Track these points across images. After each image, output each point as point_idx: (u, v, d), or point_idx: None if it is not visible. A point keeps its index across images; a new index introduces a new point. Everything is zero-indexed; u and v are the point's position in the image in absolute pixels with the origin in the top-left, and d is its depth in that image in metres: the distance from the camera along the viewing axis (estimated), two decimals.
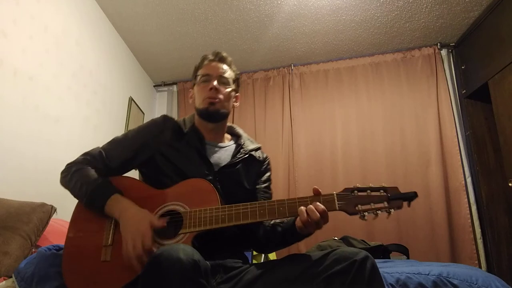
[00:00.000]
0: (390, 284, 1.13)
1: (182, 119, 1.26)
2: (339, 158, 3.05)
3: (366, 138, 3.05)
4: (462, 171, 2.80)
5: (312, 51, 3.22)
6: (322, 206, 0.93)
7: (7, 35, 1.75)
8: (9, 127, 1.74)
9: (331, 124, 3.16)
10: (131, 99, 3.10)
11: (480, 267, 2.58)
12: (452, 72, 3.12)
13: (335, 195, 0.96)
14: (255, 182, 1.23)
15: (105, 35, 2.73)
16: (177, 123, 1.22)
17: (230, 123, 1.35)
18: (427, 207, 2.78)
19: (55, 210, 1.52)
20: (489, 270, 2.56)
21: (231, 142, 1.29)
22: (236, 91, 1.29)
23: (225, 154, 1.22)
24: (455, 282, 1.11)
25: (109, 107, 2.75)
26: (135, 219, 0.96)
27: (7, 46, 1.75)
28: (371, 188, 0.96)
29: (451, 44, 3.10)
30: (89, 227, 1.04)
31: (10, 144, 1.74)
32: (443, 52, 3.14)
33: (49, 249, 1.12)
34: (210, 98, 1.19)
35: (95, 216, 1.05)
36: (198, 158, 1.15)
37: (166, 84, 3.70)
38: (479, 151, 2.78)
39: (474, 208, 2.74)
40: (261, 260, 2.31)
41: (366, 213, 0.93)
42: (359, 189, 0.96)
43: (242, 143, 1.26)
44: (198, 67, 1.28)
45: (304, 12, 2.72)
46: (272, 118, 3.31)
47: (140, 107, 3.29)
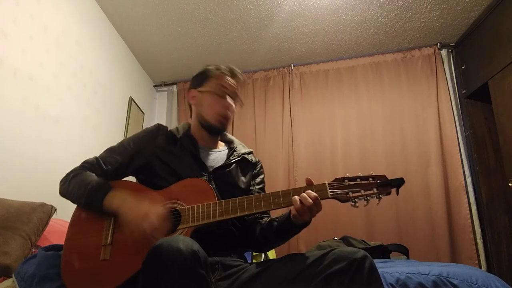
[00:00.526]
0: (390, 284, 1.13)
1: (175, 127, 1.28)
2: (339, 158, 3.05)
3: (366, 138, 3.05)
4: (462, 171, 2.80)
5: (312, 51, 3.22)
6: (314, 193, 0.98)
7: (7, 35, 1.75)
8: (9, 127, 1.74)
9: (331, 124, 3.16)
10: (131, 99, 3.10)
11: (480, 267, 2.58)
12: (452, 72, 3.12)
13: (326, 184, 1.02)
14: (249, 183, 1.26)
15: (105, 35, 2.73)
16: (170, 131, 1.26)
17: None
18: (427, 207, 2.78)
19: (55, 210, 1.53)
20: (489, 270, 2.56)
21: (224, 147, 1.33)
22: None
23: (218, 157, 1.26)
24: (455, 282, 1.11)
25: (109, 107, 2.75)
26: (136, 204, 0.99)
27: (7, 46, 1.75)
28: (361, 177, 1.02)
29: (451, 44, 3.10)
30: (88, 228, 1.06)
31: (10, 144, 1.74)
32: (443, 52, 3.14)
33: (49, 249, 1.12)
34: (223, 116, 1.23)
35: (94, 217, 1.06)
36: (192, 161, 1.18)
37: (166, 84, 3.70)
38: (479, 151, 2.78)
39: (474, 208, 2.74)
40: (261, 260, 2.31)
41: (357, 199, 0.99)
42: (349, 178, 1.02)
43: (235, 147, 1.30)
44: (209, 75, 1.27)
45: (304, 12, 2.72)
46: (272, 118, 3.31)
47: (140, 107, 3.29)
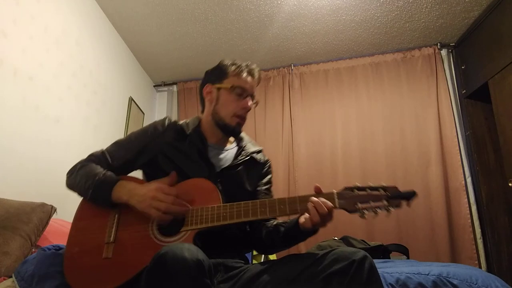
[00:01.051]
0: (390, 284, 1.13)
1: (185, 122, 1.24)
2: (339, 158, 3.05)
3: (366, 138, 3.05)
4: (462, 171, 2.80)
5: (312, 51, 3.22)
6: (331, 203, 0.93)
7: (7, 35, 1.75)
8: (9, 127, 1.74)
9: (331, 124, 3.16)
10: (131, 99, 3.10)
11: (480, 267, 2.58)
12: (452, 72, 3.12)
13: (335, 193, 0.96)
14: (256, 185, 1.23)
15: (105, 35, 2.73)
16: (179, 125, 1.22)
17: None
18: (427, 207, 2.78)
19: (55, 210, 1.53)
20: (489, 270, 2.56)
21: (233, 145, 1.29)
22: None
23: (227, 156, 1.22)
24: (455, 282, 1.11)
25: (109, 107, 2.75)
26: (145, 191, 1.00)
27: (7, 46, 1.75)
28: (371, 187, 0.96)
29: (451, 44, 3.10)
30: (92, 225, 1.05)
31: (10, 144, 1.74)
32: (443, 52, 3.14)
33: (48, 249, 1.12)
34: (240, 117, 1.20)
35: (98, 212, 1.05)
36: (199, 159, 1.15)
37: (166, 84, 3.70)
38: (479, 151, 2.78)
39: (474, 208, 2.74)
40: (261, 260, 2.31)
41: (366, 211, 0.94)
42: (358, 188, 0.96)
43: (244, 146, 1.27)
44: (228, 72, 1.22)
45: (304, 12, 2.72)
46: (272, 118, 3.31)
47: (140, 107, 3.29)
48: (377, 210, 0.94)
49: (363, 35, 3.00)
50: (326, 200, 0.94)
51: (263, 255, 2.32)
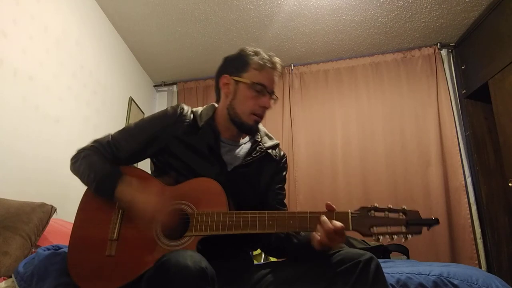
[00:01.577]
0: (391, 284, 1.13)
1: (199, 111, 1.16)
2: (339, 158, 3.05)
3: (366, 138, 3.05)
4: (462, 171, 2.80)
5: (312, 51, 3.22)
6: (340, 224, 0.87)
7: (7, 35, 1.75)
8: (9, 127, 1.74)
9: (331, 124, 3.16)
10: (131, 99, 3.10)
11: (480, 267, 2.58)
12: (452, 72, 3.12)
13: (349, 214, 0.90)
14: (269, 182, 1.16)
15: (105, 35, 2.73)
16: (191, 116, 1.13)
17: None
18: (427, 207, 2.78)
19: (55, 210, 1.52)
20: (489, 270, 2.56)
21: (247, 139, 1.20)
22: None
23: (240, 152, 1.14)
24: (455, 282, 1.11)
25: (109, 107, 2.75)
26: (151, 197, 0.97)
27: (7, 46, 1.75)
28: (390, 210, 0.89)
29: (451, 44, 3.10)
30: (96, 217, 1.03)
31: (10, 144, 1.74)
32: (443, 52, 3.14)
33: (48, 249, 1.12)
34: (258, 116, 1.11)
35: (103, 205, 1.03)
36: (211, 156, 1.08)
37: (166, 84, 3.70)
38: (479, 151, 2.78)
39: (474, 208, 2.74)
40: (261, 260, 2.31)
41: (381, 236, 0.87)
42: (376, 209, 0.90)
43: (259, 140, 1.18)
44: (250, 64, 1.12)
45: (304, 12, 2.71)
46: (272, 118, 3.30)
47: (140, 107, 3.28)
48: (393, 236, 0.87)
49: (363, 35, 3.00)
50: (339, 225, 0.87)
51: (263, 255, 2.32)
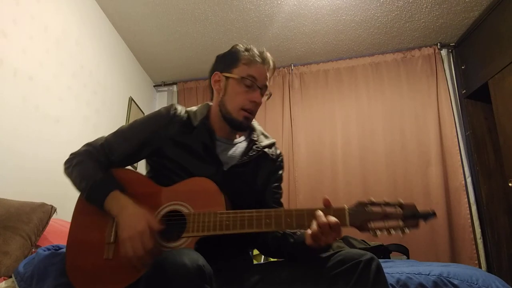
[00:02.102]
0: (391, 284, 1.13)
1: (193, 110, 1.15)
2: (339, 157, 3.05)
3: (366, 138, 3.05)
4: (462, 171, 2.80)
5: (312, 51, 3.22)
6: (335, 219, 0.86)
7: (7, 35, 1.75)
8: (9, 127, 1.74)
9: (331, 124, 3.16)
10: (131, 99, 3.10)
11: (480, 267, 2.58)
12: (452, 72, 3.12)
13: (346, 210, 0.89)
14: (266, 181, 1.15)
15: (105, 35, 2.73)
16: (185, 116, 1.12)
17: None
18: (427, 207, 2.73)
19: (55, 210, 1.52)
20: (489, 270, 2.56)
21: (243, 138, 1.19)
22: None
23: (236, 151, 1.13)
24: (455, 282, 1.11)
25: (109, 107, 2.75)
26: (133, 218, 0.92)
27: (7, 46, 1.75)
28: (386, 203, 0.89)
29: (451, 44, 3.10)
30: (92, 220, 1.01)
31: (10, 144, 1.74)
32: (443, 52, 3.14)
33: (48, 249, 1.12)
34: (249, 111, 1.10)
35: (98, 209, 1.01)
36: (206, 156, 1.07)
37: (166, 84, 3.70)
38: (479, 151, 2.78)
39: (474, 208, 2.74)
40: (261, 260, 2.31)
41: (379, 231, 0.87)
42: (373, 203, 0.89)
43: (255, 139, 1.17)
44: (239, 59, 1.10)
45: (304, 12, 2.71)
46: (272, 118, 3.31)
47: (140, 107, 3.28)
48: (391, 230, 0.87)
49: (363, 35, 3.00)
50: (334, 220, 0.86)
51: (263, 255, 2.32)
